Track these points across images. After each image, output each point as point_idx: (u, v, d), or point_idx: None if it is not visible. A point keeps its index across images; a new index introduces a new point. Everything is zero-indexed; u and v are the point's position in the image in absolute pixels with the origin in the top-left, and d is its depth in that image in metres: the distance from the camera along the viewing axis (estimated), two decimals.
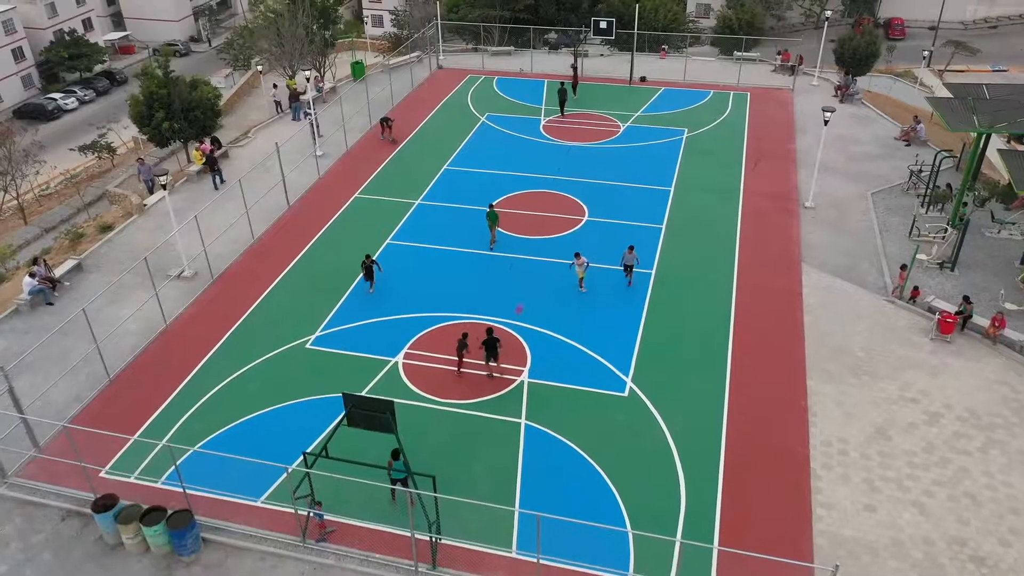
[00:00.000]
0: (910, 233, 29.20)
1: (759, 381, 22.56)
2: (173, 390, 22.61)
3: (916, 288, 25.63)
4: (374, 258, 26.37)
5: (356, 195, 32.78)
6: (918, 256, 26.69)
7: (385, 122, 37.39)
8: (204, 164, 34.59)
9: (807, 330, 24.50)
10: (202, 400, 22.18)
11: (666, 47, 51.47)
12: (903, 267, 25.79)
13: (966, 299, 24.13)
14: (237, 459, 18.82)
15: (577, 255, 26.32)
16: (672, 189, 32.69)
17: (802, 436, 20.76)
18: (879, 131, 38.04)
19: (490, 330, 22.49)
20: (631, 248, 26.10)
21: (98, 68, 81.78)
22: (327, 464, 17.93)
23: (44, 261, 27.12)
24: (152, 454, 19.99)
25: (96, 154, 52.58)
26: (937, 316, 24.03)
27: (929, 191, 30.56)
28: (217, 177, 34.19)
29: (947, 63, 65.08)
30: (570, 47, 52.04)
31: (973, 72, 66.07)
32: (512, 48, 50.42)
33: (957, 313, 23.96)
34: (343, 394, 17.35)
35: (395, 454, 18.06)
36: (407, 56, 47.60)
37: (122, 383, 23.00)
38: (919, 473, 19.71)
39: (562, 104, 39.90)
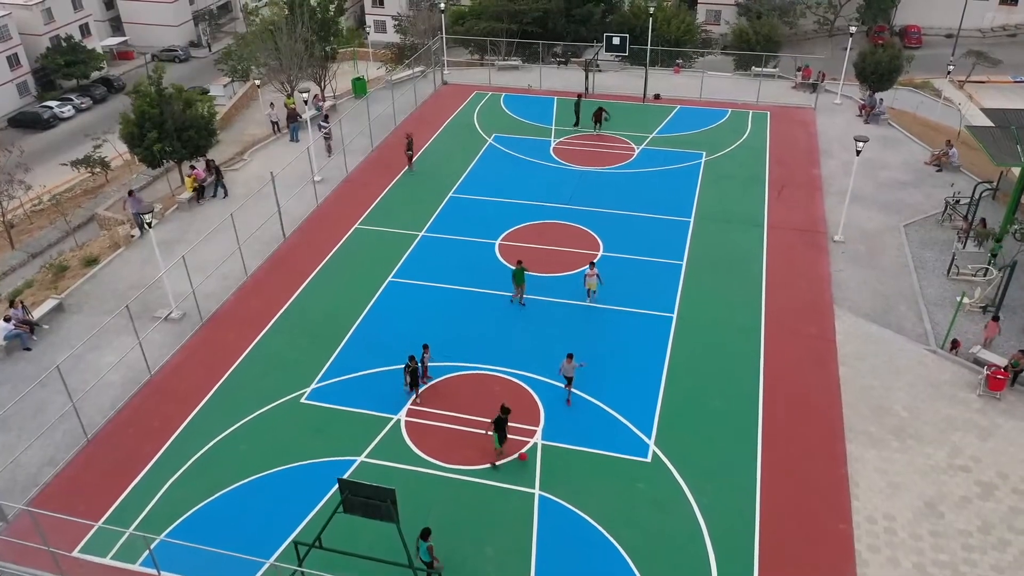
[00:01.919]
0: (948, 271, 27.30)
1: (794, 444, 20.67)
2: (156, 452, 20.78)
3: (956, 340, 23.75)
4: (419, 359, 21.93)
5: (356, 226, 30.93)
6: (957, 299, 24.75)
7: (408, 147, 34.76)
8: (194, 191, 32.81)
9: (844, 384, 22.61)
10: (187, 464, 20.35)
11: (680, 61, 49.57)
12: (996, 317, 23.71)
13: (1023, 352, 22.19)
14: (219, 543, 17.01)
15: (591, 264, 25.42)
16: (692, 220, 30.79)
17: (844, 511, 18.88)
18: (908, 155, 36.13)
19: (505, 409, 19.82)
20: (570, 356, 21.36)
21: (95, 75, 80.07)
22: (320, 554, 16.12)
23: (21, 303, 25.31)
24: (125, 536, 18.11)
25: (89, 168, 50.81)
26: (986, 371, 22.12)
27: (970, 225, 28.59)
28: (221, 190, 33.02)
29: (968, 74, 63.15)
30: (578, 58, 50.24)
31: (994, 83, 64.16)
32: (520, 62, 48.56)
33: (1008, 367, 22.06)
34: (338, 480, 15.52)
35: (424, 534, 16.31)
36: (411, 71, 45.74)
37: (101, 443, 21.18)
38: (976, 557, 17.83)
39: (577, 113, 38.14)
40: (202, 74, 77.98)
